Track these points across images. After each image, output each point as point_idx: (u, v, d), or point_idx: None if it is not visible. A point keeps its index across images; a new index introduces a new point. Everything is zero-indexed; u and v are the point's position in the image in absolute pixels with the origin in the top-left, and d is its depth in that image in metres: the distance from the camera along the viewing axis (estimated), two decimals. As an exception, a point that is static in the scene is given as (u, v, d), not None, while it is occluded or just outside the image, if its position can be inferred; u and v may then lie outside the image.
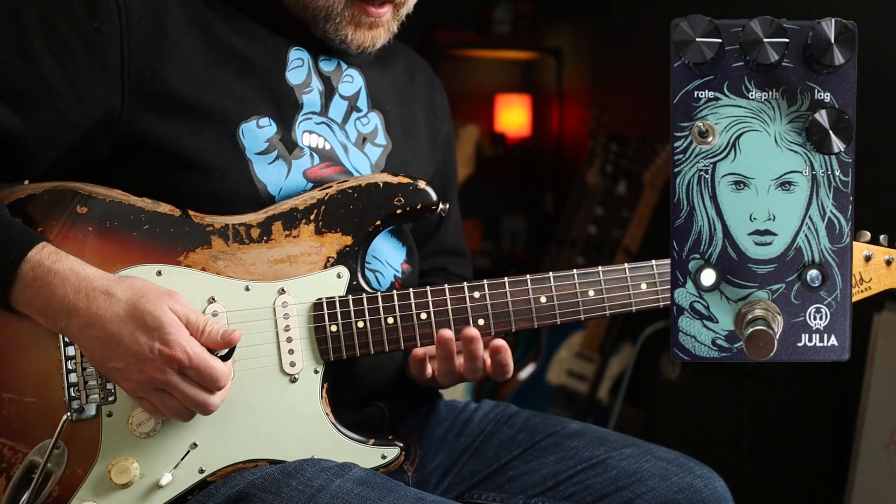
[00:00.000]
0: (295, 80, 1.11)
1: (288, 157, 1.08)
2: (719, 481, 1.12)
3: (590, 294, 1.07)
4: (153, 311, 0.92)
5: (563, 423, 1.20)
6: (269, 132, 1.07)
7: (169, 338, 0.91)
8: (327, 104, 1.14)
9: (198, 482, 1.00)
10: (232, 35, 1.07)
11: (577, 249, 3.42)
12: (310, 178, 1.09)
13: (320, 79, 1.13)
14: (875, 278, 1.05)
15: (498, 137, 4.70)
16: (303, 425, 1.02)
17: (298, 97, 1.10)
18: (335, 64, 1.16)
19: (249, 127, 1.05)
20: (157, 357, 0.91)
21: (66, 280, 0.93)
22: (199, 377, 0.92)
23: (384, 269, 1.15)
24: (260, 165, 1.06)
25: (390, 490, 0.94)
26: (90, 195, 1.01)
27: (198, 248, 1.02)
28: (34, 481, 0.96)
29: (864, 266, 1.05)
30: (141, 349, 0.91)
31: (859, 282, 1.05)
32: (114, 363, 0.92)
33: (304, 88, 1.11)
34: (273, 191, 1.06)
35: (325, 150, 1.12)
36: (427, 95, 1.31)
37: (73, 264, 0.94)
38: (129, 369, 0.92)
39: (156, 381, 0.92)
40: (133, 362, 0.92)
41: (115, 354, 0.92)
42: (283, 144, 1.08)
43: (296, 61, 1.11)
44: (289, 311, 1.03)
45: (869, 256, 1.05)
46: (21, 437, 0.98)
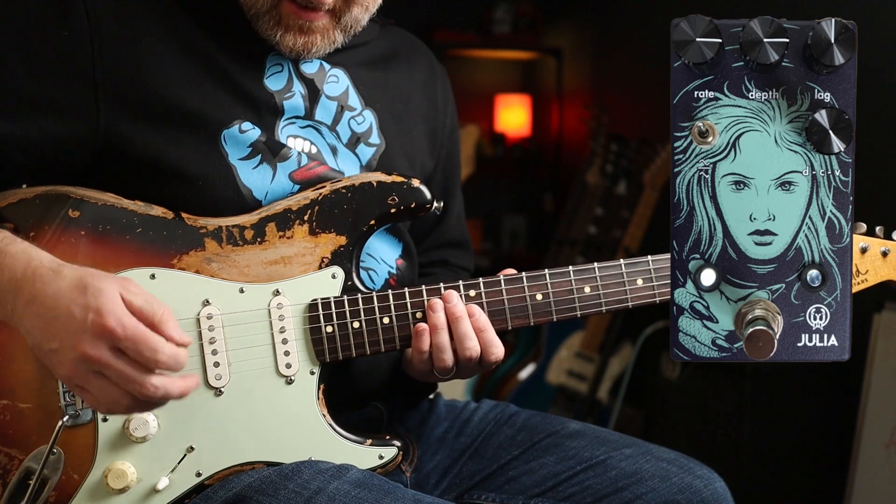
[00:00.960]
0: (274, 86, 1.09)
1: (273, 160, 1.07)
2: (719, 482, 1.12)
3: (586, 291, 1.07)
4: (96, 284, 0.87)
5: (562, 423, 1.20)
6: (253, 136, 1.06)
7: (103, 308, 0.86)
8: (312, 107, 1.12)
9: (195, 486, 1.00)
10: (207, 41, 1.06)
11: (577, 249, 3.42)
12: (296, 180, 1.08)
13: (302, 82, 1.12)
14: (871, 270, 1.05)
15: (498, 137, 4.70)
16: (299, 427, 1.02)
17: (279, 103, 1.09)
18: (317, 65, 1.14)
19: (232, 132, 1.05)
20: (89, 328, 0.86)
21: (17, 260, 0.91)
22: (135, 350, 0.86)
23: (378, 266, 1.15)
24: (244, 171, 1.05)
25: (388, 492, 0.94)
26: (82, 199, 1.01)
27: (191, 251, 1.02)
28: (31, 487, 0.95)
29: (861, 258, 1.05)
30: (74, 322, 0.86)
31: (855, 274, 1.05)
32: (50, 343, 0.88)
33: (284, 94, 1.10)
34: (259, 195, 1.06)
35: (311, 154, 1.11)
36: (427, 89, 1.28)
37: (26, 247, 0.92)
38: (63, 348, 0.87)
39: (88, 359, 0.86)
40: (67, 338, 0.87)
41: (52, 333, 0.88)
42: (267, 147, 1.07)
43: (274, 67, 1.10)
44: (284, 312, 1.02)
45: (865, 248, 1.05)
46: (17, 443, 0.98)
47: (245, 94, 1.06)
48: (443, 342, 1.03)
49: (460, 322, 1.03)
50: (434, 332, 1.03)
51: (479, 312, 1.04)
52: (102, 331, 0.86)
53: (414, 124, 1.24)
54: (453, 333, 1.04)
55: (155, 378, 0.87)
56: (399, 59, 1.25)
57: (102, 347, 0.86)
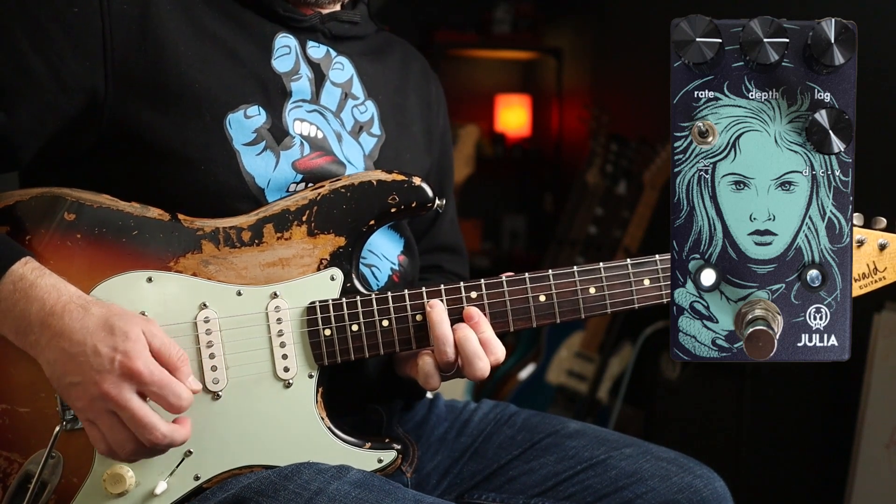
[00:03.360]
0: (282, 68, 1.09)
1: (276, 147, 1.06)
2: (719, 481, 1.12)
3: (591, 291, 1.05)
4: (122, 326, 0.91)
5: (562, 423, 1.20)
6: (258, 122, 1.05)
7: (132, 352, 0.89)
8: (318, 91, 1.12)
9: (193, 489, 0.99)
10: (216, 22, 1.06)
11: (577, 249, 3.42)
12: (299, 170, 1.07)
13: (309, 66, 1.12)
14: (890, 267, 1.03)
15: (498, 137, 4.70)
16: (298, 430, 1.01)
17: (287, 84, 1.09)
18: (324, 51, 1.14)
19: (237, 117, 1.04)
20: (116, 369, 0.89)
21: (47, 294, 0.93)
22: (160, 394, 0.90)
23: (380, 262, 1.14)
24: (248, 157, 1.04)
25: (388, 492, 0.94)
26: (78, 201, 1.00)
27: (188, 253, 1.01)
28: (30, 491, 0.95)
29: (879, 255, 1.03)
30: (101, 361, 0.89)
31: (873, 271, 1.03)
32: (72, 377, 0.90)
33: (292, 76, 1.09)
34: (261, 183, 1.05)
35: (316, 139, 1.10)
36: (422, 88, 1.29)
37: (56, 281, 0.94)
38: (85, 384, 0.90)
39: (108, 398, 0.89)
40: (91, 375, 0.89)
41: (76, 367, 0.90)
42: (271, 135, 1.06)
43: (282, 49, 1.10)
44: (281, 315, 1.01)
45: (884, 245, 1.03)
46: (16, 447, 0.98)
47: (254, 74, 1.06)
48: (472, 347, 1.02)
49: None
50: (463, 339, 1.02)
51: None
52: (130, 374, 0.89)
53: (411, 121, 1.24)
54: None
55: (164, 425, 0.91)
56: (395, 58, 1.26)
57: (125, 388, 0.89)
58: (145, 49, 1.00)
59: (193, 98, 1.02)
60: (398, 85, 1.24)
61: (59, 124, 1.00)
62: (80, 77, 0.99)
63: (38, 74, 0.98)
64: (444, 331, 1.01)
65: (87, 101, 1.00)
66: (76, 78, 0.99)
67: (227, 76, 1.04)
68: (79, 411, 0.92)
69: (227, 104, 1.04)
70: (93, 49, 0.99)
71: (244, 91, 1.05)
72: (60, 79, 0.98)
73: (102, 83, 1.00)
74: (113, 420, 0.91)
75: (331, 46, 1.15)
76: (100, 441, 0.92)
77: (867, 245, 1.03)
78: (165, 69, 1.01)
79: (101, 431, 0.92)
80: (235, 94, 1.04)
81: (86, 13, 0.99)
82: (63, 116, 1.00)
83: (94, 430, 0.92)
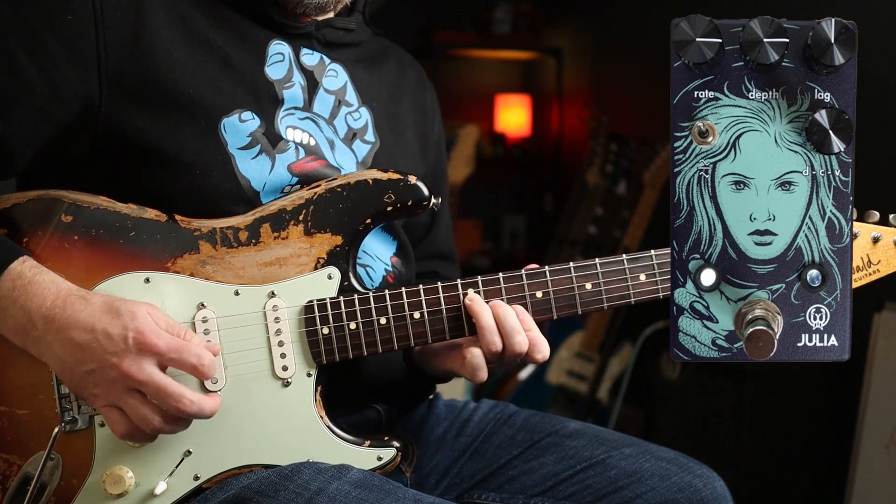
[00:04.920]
0: (275, 76, 1.09)
1: (272, 151, 1.06)
2: (719, 481, 1.12)
3: (587, 287, 1.06)
4: (128, 307, 0.92)
5: (562, 422, 1.20)
6: (252, 126, 1.06)
7: (142, 327, 0.90)
8: (311, 99, 1.12)
9: (193, 489, 0.99)
10: (210, 29, 1.06)
11: (577, 249, 3.42)
12: (294, 173, 1.08)
13: (302, 73, 1.12)
14: (884, 260, 1.03)
15: (498, 137, 4.70)
16: (297, 429, 1.02)
17: (279, 92, 1.09)
18: (318, 58, 1.14)
19: (231, 121, 1.04)
20: (131, 347, 0.90)
21: (47, 289, 0.93)
22: (180, 359, 0.91)
23: (374, 263, 1.15)
24: (243, 160, 1.05)
25: (388, 492, 0.94)
26: (75, 203, 1.00)
27: (185, 254, 1.01)
28: (29, 493, 0.95)
29: (873, 248, 1.03)
30: (115, 342, 0.90)
31: (867, 264, 1.03)
32: (87, 365, 0.91)
33: (284, 84, 1.10)
34: (257, 186, 1.05)
35: (309, 146, 1.10)
36: (417, 95, 1.29)
37: (54, 277, 0.95)
38: (102, 368, 0.91)
39: (128, 377, 0.90)
40: (107, 358, 0.90)
41: (89, 354, 0.91)
42: (266, 139, 1.06)
43: (276, 56, 1.10)
44: (279, 314, 1.02)
45: (877, 238, 1.03)
46: (15, 449, 0.98)
47: (246, 81, 1.06)
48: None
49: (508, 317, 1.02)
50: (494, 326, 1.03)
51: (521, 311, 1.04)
52: (146, 347, 0.90)
53: (406, 127, 1.24)
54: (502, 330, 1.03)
55: (191, 393, 0.91)
56: (391, 65, 1.26)
57: (145, 363, 0.90)
58: (139, 55, 1.01)
59: (188, 103, 1.02)
60: (393, 92, 1.24)
61: (53, 131, 1.00)
62: (75, 84, 0.99)
63: (32, 82, 0.98)
64: (489, 321, 1.02)
65: (82, 108, 1.00)
66: (70, 85, 0.99)
67: (220, 82, 1.04)
68: (97, 398, 0.92)
69: (221, 109, 1.04)
70: (87, 56, 0.99)
71: (237, 97, 1.05)
72: (55, 86, 0.99)
73: (97, 90, 1.00)
74: (136, 398, 0.91)
75: (325, 53, 1.15)
76: (120, 423, 0.93)
77: (861, 238, 1.03)
78: (159, 75, 1.01)
79: (122, 413, 0.92)
80: (228, 100, 1.05)
81: (80, 20, 0.99)
82: (58, 123, 1.00)
83: (114, 413, 0.93)
